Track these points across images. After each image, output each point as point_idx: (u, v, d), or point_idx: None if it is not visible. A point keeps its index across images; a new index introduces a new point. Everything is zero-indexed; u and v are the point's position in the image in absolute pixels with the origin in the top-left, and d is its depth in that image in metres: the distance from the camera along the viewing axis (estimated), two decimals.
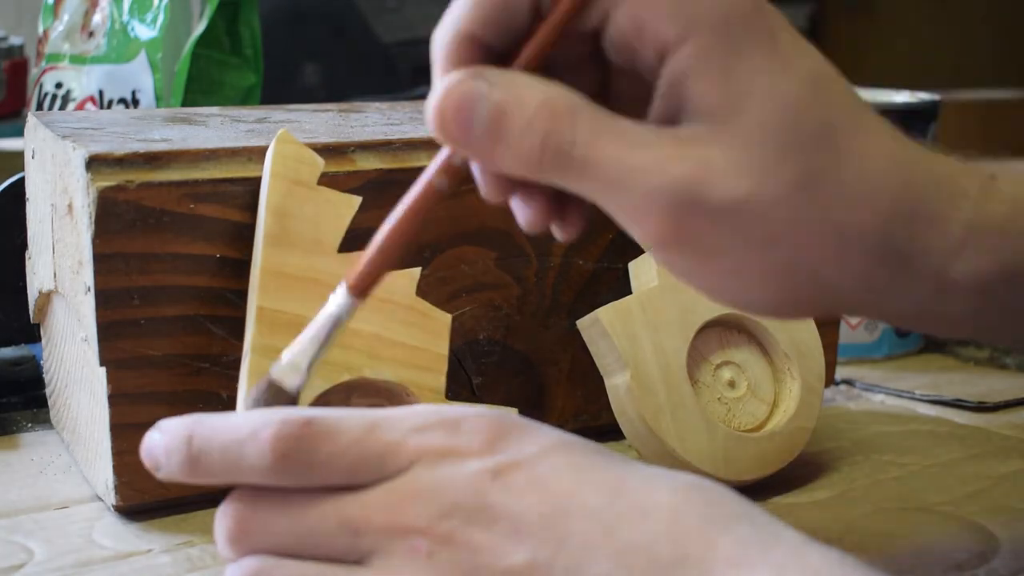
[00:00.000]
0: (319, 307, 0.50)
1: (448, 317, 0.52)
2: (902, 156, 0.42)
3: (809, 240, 0.40)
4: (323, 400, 0.49)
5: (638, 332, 0.56)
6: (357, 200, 0.52)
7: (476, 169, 0.42)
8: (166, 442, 0.41)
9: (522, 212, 0.44)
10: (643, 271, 0.58)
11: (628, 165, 0.39)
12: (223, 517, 0.41)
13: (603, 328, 0.56)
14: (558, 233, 0.44)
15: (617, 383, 0.56)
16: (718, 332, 0.59)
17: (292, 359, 0.44)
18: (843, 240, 0.40)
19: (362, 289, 0.44)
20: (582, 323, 0.57)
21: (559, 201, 0.43)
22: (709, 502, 0.39)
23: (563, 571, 0.38)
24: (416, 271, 0.52)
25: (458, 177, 0.42)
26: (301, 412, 0.41)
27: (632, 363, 0.55)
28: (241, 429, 0.40)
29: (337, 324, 0.44)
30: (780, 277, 0.41)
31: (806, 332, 0.60)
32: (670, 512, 0.38)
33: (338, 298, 0.44)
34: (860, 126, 0.41)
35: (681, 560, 0.37)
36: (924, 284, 0.42)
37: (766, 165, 0.39)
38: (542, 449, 0.40)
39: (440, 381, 0.51)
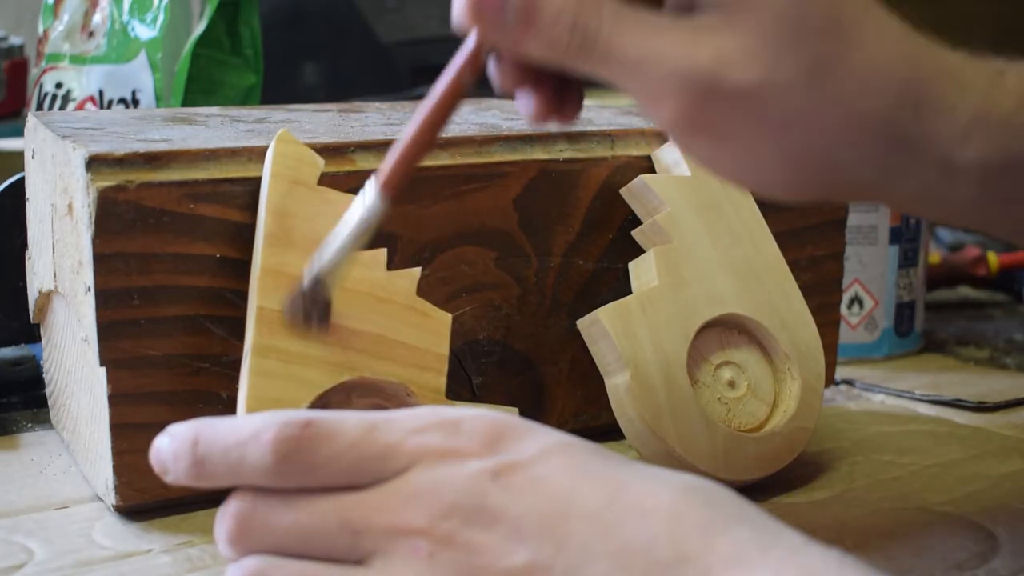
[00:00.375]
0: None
1: (448, 317, 0.52)
2: (909, 47, 0.43)
3: (822, 125, 0.42)
4: (323, 400, 0.49)
5: (638, 332, 0.56)
6: None
7: (493, 62, 0.44)
8: (173, 447, 0.42)
9: (528, 104, 0.46)
10: (643, 271, 0.58)
11: (648, 50, 0.42)
12: (224, 517, 0.41)
13: (603, 328, 0.56)
14: (556, 122, 0.47)
15: (617, 383, 0.56)
16: (718, 332, 0.59)
17: (323, 264, 0.46)
18: (855, 125, 0.43)
19: (394, 185, 0.45)
20: (582, 323, 0.57)
21: (561, 93, 0.46)
22: (708, 503, 0.39)
23: (562, 572, 0.38)
24: (416, 271, 0.52)
25: (481, 71, 0.45)
26: (302, 414, 0.41)
27: (632, 363, 0.55)
28: (243, 432, 0.41)
29: (367, 226, 0.46)
30: (795, 160, 0.43)
31: (806, 332, 0.60)
32: (669, 513, 0.38)
33: (367, 199, 0.46)
34: (867, 17, 0.43)
35: (680, 560, 0.37)
36: (931, 169, 0.44)
37: (777, 52, 0.41)
38: (542, 450, 0.41)
39: (440, 381, 0.51)
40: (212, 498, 0.54)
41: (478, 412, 0.42)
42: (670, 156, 0.61)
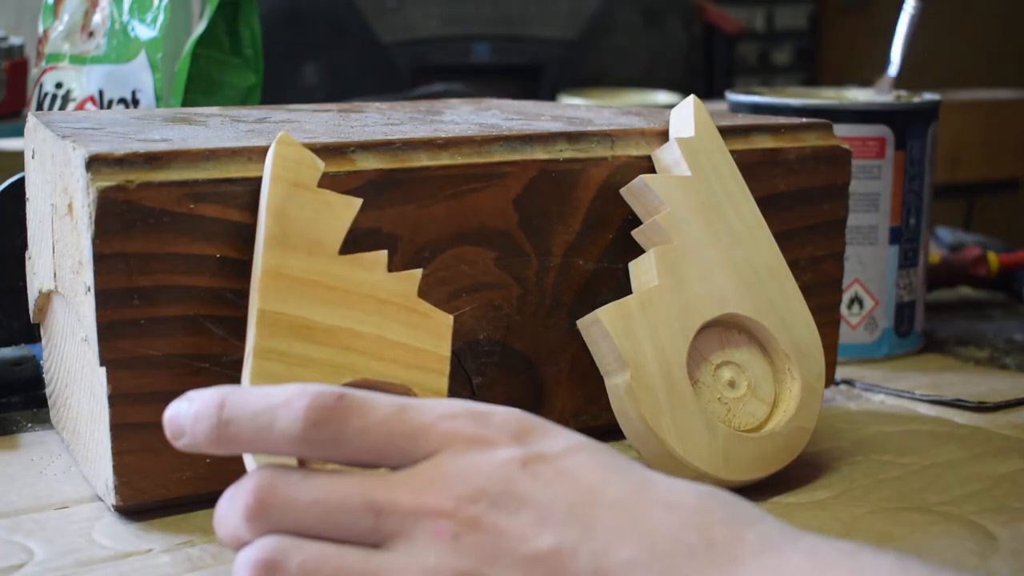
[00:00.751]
0: (321, 309, 0.50)
1: (450, 319, 0.52)
2: None
3: None
4: None
5: (638, 332, 0.56)
6: (358, 202, 0.52)
7: None
8: (195, 409, 0.41)
9: None
10: (643, 271, 0.58)
11: None
12: (240, 493, 0.41)
13: (603, 328, 0.56)
14: None
15: (617, 383, 0.56)
16: (718, 332, 0.59)
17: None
18: None
19: None
20: (582, 323, 0.57)
21: None
22: (731, 503, 0.40)
23: (589, 555, 0.38)
24: (417, 273, 0.52)
25: None
26: (335, 388, 0.41)
27: (632, 363, 0.55)
28: (275, 397, 0.40)
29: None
30: None
31: (806, 332, 0.60)
32: (695, 507, 0.39)
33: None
34: None
35: (707, 545, 0.38)
36: None
37: None
38: (569, 446, 0.41)
39: (442, 383, 0.51)
40: (212, 498, 0.54)
41: (507, 408, 0.42)
42: (670, 156, 0.61)
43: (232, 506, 0.41)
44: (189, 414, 0.41)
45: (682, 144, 0.60)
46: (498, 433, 0.41)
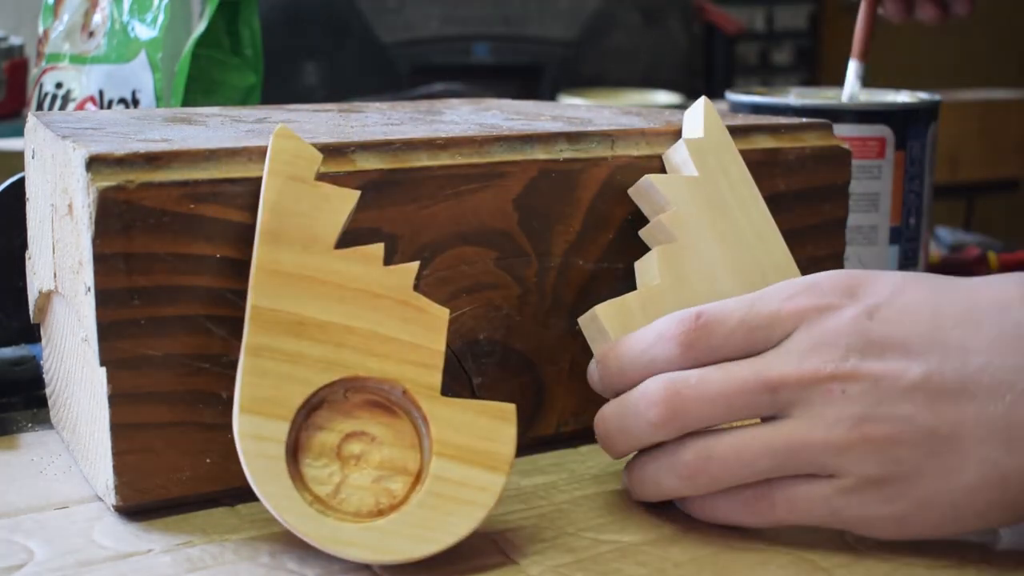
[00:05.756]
0: (314, 305, 0.50)
1: (445, 312, 0.52)
2: None
3: None
4: (318, 396, 0.49)
5: (636, 329, 0.56)
6: (355, 195, 0.52)
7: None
8: (596, 370, 0.53)
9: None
10: (646, 269, 0.58)
11: None
12: (645, 406, 0.48)
13: (601, 325, 0.56)
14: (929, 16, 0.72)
15: None
16: None
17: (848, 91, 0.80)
18: None
19: (864, 53, 0.80)
20: (582, 320, 0.57)
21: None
22: None
23: (952, 372, 0.44)
24: (413, 266, 0.52)
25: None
26: (690, 310, 0.49)
27: None
28: (647, 338, 0.50)
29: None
30: None
31: None
32: (1022, 298, 0.45)
33: (852, 67, 0.81)
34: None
35: None
36: None
37: None
38: (894, 287, 0.47)
39: (436, 378, 0.51)
40: (212, 498, 0.54)
41: (828, 273, 0.48)
42: (678, 156, 0.61)
43: (637, 422, 0.48)
44: (594, 373, 0.53)
45: (690, 144, 0.60)
46: (834, 296, 0.47)
